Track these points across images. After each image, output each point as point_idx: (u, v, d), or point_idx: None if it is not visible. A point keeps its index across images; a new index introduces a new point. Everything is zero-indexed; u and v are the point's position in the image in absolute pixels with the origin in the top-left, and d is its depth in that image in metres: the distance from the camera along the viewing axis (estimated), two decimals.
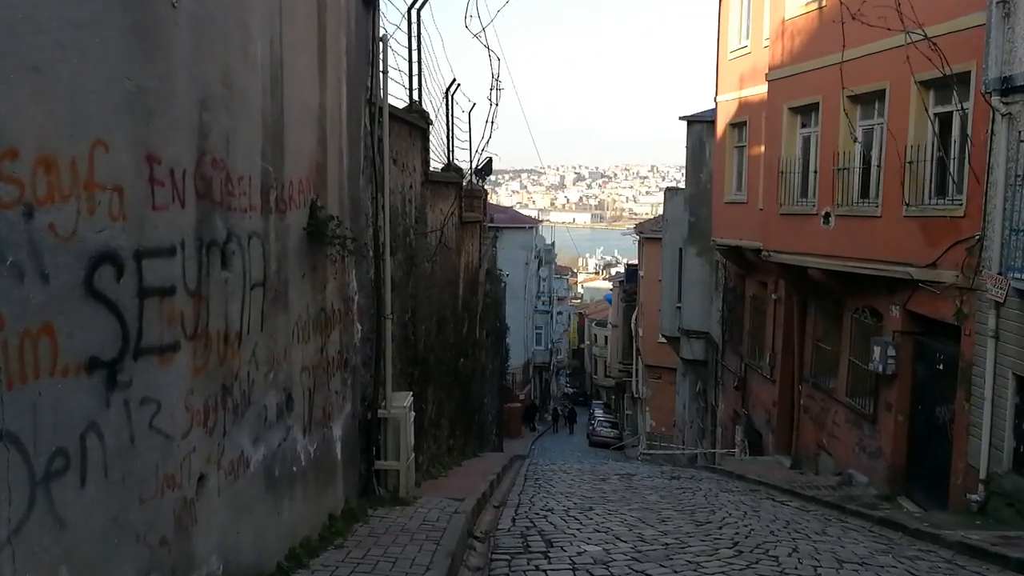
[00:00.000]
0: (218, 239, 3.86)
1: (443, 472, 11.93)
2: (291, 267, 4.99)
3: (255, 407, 4.41)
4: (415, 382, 10.04)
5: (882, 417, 11.93)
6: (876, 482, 11.97)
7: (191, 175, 3.54)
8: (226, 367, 4.00)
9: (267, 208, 4.56)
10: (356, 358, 6.79)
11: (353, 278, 6.61)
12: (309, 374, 5.46)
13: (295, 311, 5.12)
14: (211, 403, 3.79)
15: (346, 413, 6.55)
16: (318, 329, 5.62)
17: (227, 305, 3.98)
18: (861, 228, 11.98)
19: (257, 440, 4.44)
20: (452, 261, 12.68)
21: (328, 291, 5.88)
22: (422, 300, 10.38)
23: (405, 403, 7.89)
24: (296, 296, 5.12)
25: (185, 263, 3.49)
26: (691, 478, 13.55)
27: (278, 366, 4.81)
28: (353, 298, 6.64)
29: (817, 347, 14.57)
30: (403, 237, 9.06)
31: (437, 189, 11.36)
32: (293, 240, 5.05)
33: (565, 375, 71.41)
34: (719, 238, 18.63)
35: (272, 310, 4.67)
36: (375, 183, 7.38)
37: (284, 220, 4.86)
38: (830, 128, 12.68)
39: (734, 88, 17.58)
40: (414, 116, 9.64)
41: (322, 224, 5.37)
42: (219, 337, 3.89)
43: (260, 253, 4.45)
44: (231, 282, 4.04)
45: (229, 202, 3.98)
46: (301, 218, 5.22)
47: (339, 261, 5.88)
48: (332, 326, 5.99)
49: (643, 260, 38.25)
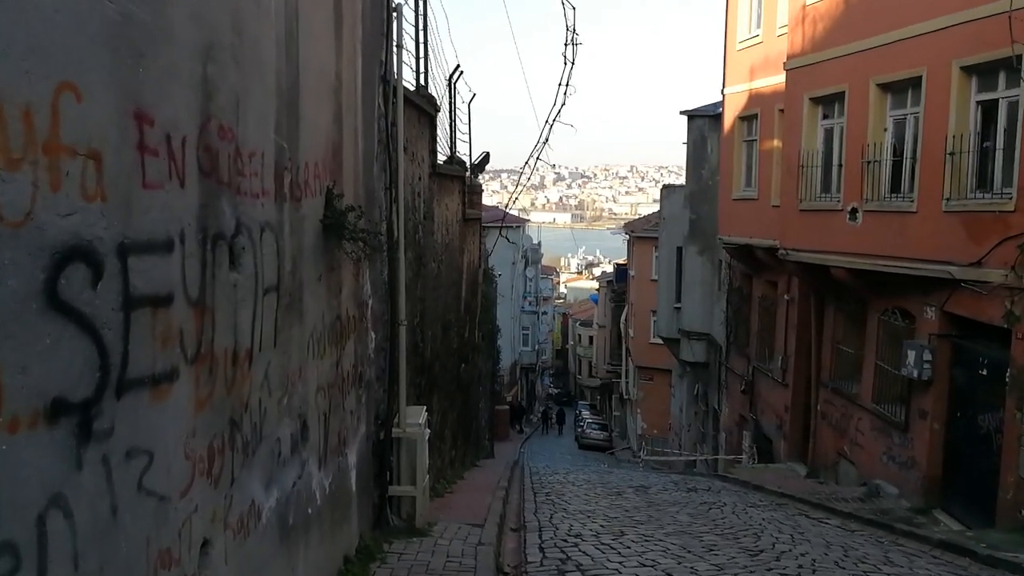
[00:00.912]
0: (226, 231, 2.97)
1: (448, 488, 11.06)
2: (306, 267, 4.11)
3: (268, 442, 3.53)
4: (422, 393, 9.17)
5: (915, 425, 11.21)
6: (908, 494, 11.26)
7: (193, 144, 2.65)
8: (235, 395, 3.11)
9: (281, 194, 3.68)
10: (370, 371, 5.90)
11: (367, 280, 5.72)
12: (324, 394, 4.57)
13: (310, 320, 4.24)
14: (217, 444, 2.91)
15: (360, 436, 5.66)
16: (334, 340, 4.73)
17: (236, 316, 3.10)
18: (893, 224, 11.27)
19: (270, 483, 3.55)
20: (456, 261, 11.82)
21: (344, 295, 4.99)
22: (429, 303, 9.50)
23: (420, 420, 7.01)
24: (312, 302, 4.23)
25: (185, 262, 2.61)
26: (708, 490, 12.78)
27: (292, 388, 3.92)
28: (367, 303, 5.75)
29: (837, 350, 13.86)
30: (412, 234, 8.18)
31: (443, 183, 10.49)
32: (309, 234, 4.17)
33: (549, 375, 70.67)
34: (727, 236, 17.89)
35: (286, 320, 3.79)
36: (389, 172, 6.49)
37: (299, 210, 3.98)
38: (857, 119, 11.95)
39: (743, 80, 16.84)
40: (423, 100, 8.75)
41: (340, 216, 4.48)
42: (227, 358, 3.01)
43: (273, 250, 3.56)
44: (241, 286, 3.16)
45: (239, 184, 3.09)
46: (317, 208, 4.33)
47: (357, 260, 4.98)
48: (347, 336, 5.10)
49: (633, 259, 37.58)
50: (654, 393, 35.32)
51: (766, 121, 15.95)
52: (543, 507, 10.07)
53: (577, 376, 67.11)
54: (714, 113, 21.55)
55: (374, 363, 6.05)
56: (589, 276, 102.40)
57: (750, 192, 16.88)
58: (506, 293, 37.98)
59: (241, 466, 3.13)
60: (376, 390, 6.26)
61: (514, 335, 42.24)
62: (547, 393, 64.60)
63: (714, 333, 21.66)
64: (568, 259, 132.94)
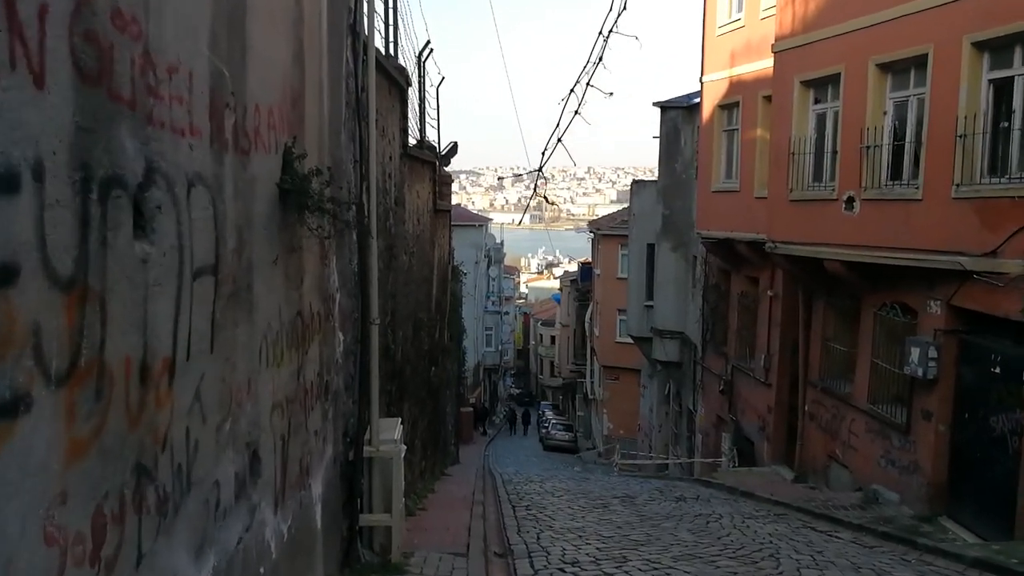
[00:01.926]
0: (127, 176, 1.95)
1: (420, 504, 10.03)
2: (258, 245, 3.08)
3: (200, 489, 2.50)
4: (393, 401, 8.13)
5: (918, 427, 10.53)
6: (911, 500, 10.58)
7: (63, 23, 1.63)
8: (144, 428, 2.09)
9: (220, 139, 2.65)
10: (338, 380, 4.86)
11: (334, 269, 4.68)
12: (283, 413, 3.54)
13: (263, 316, 3.21)
14: (111, 510, 1.89)
15: (327, 459, 4.62)
16: (294, 343, 3.69)
17: (147, 308, 2.07)
18: (895, 213, 10.57)
19: (203, 548, 2.52)
20: (427, 254, 10.78)
21: (306, 287, 3.95)
22: (400, 300, 8.46)
23: (395, 435, 5.98)
24: (265, 293, 3.21)
25: (46, 213, 1.58)
26: (697, 498, 11.97)
27: (238, 409, 2.89)
28: (335, 297, 4.71)
29: (827, 348, 13.17)
30: (384, 220, 7.14)
31: (414, 167, 9.46)
32: (261, 202, 3.14)
33: (511, 376, 69.82)
34: (705, 230, 17.15)
35: (229, 315, 2.76)
36: (359, 143, 5.44)
37: (248, 167, 2.95)
38: (854, 102, 11.25)
39: (723, 66, 16.12)
40: (394, 70, 7.71)
41: (303, 181, 3.45)
42: (129, 372, 1.98)
43: (209, 216, 2.54)
44: (155, 264, 2.13)
45: (151, 108, 2.07)
46: (272, 169, 3.31)
47: (324, 241, 3.94)
48: (311, 337, 4.07)
49: (599, 258, 36.81)
50: (621, 393, 34.63)
51: (748, 109, 15.24)
52: (526, 524, 9.12)
53: (539, 376, 66.39)
54: (688, 104, 20.87)
55: (342, 370, 5.01)
56: (550, 276, 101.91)
57: (731, 184, 16.16)
58: (469, 293, 37.00)
59: (155, 534, 2.11)
60: (345, 402, 5.22)
61: (478, 336, 41.26)
62: (509, 394, 63.74)
63: (688, 332, 20.96)
64: (528, 259, 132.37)
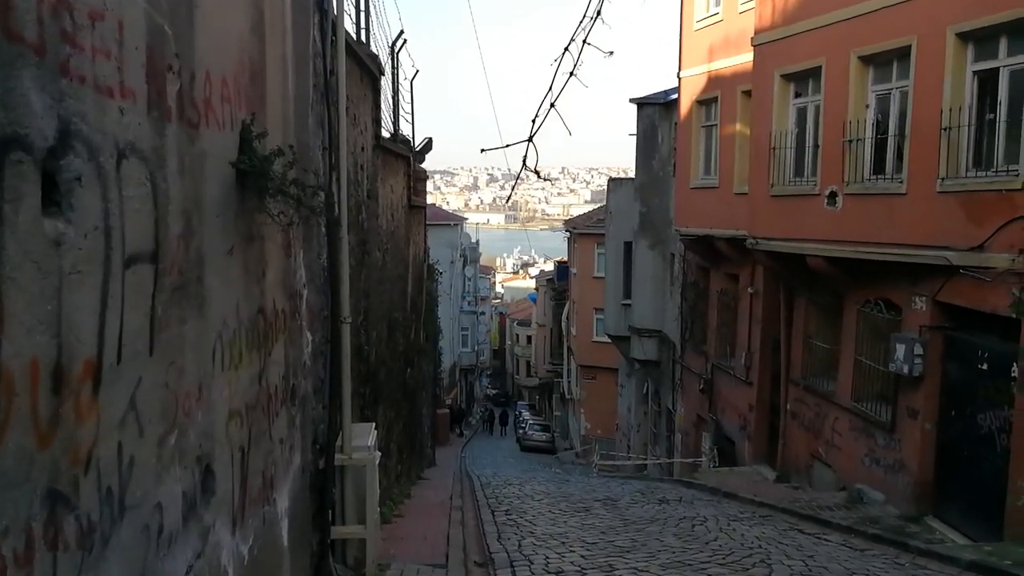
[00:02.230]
0: (32, 136, 1.59)
1: (396, 510, 9.65)
2: (210, 231, 2.72)
3: (137, 515, 2.15)
4: (367, 404, 7.76)
5: (903, 425, 10.38)
6: (896, 499, 10.42)
7: None
8: (60, 447, 1.72)
9: (161, 106, 2.29)
10: (306, 384, 4.50)
11: (301, 263, 4.32)
12: (242, 422, 3.18)
13: (217, 313, 2.84)
14: (12, 550, 1.51)
15: (295, 469, 4.26)
16: (255, 343, 3.34)
17: (60, 300, 1.70)
18: (878, 208, 10.41)
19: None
20: (402, 252, 10.41)
21: (269, 281, 3.59)
22: (374, 298, 8.09)
23: (368, 441, 5.62)
24: (219, 286, 2.85)
25: None
26: (680, 500, 11.72)
27: (187, 419, 2.53)
28: (302, 293, 4.35)
29: (809, 345, 13.01)
30: (355, 214, 6.77)
31: (388, 160, 9.09)
32: (214, 183, 2.78)
33: (487, 376, 69.49)
34: (684, 227, 16.97)
35: (174, 311, 2.40)
36: (327, 129, 5.08)
37: (197, 141, 2.59)
38: (835, 95, 11.08)
39: (701, 61, 15.93)
40: (366, 56, 7.34)
41: (263, 162, 3.08)
42: (33, 379, 1.61)
43: (147, 194, 2.19)
44: (73, 247, 1.77)
45: (68, 58, 1.72)
46: (227, 146, 2.95)
47: (287, 229, 3.58)
48: (275, 337, 3.71)
49: (575, 257, 36.59)
50: (598, 392, 34.46)
51: (727, 104, 15.06)
52: (507, 530, 8.79)
53: (515, 376, 66.13)
54: (665, 101, 20.70)
55: (311, 372, 4.65)
56: (525, 276, 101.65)
57: (710, 180, 15.97)
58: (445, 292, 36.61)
59: (78, 573, 1.74)
60: (314, 407, 4.85)
61: (454, 336, 40.85)
62: (485, 394, 63.41)
63: (666, 330, 20.78)
64: (504, 259, 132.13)
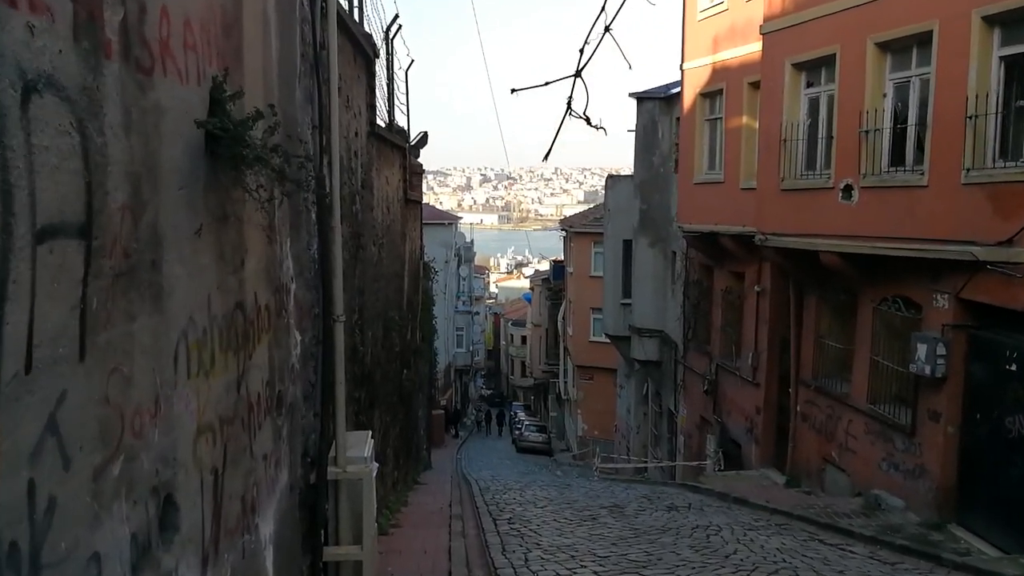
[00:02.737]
0: None
1: (393, 519, 9.14)
2: (170, 205, 2.20)
3: (58, 575, 1.59)
4: (362, 409, 7.23)
5: (924, 428, 9.90)
6: (917, 506, 9.95)
7: None
8: None
9: (96, 37, 1.78)
10: (295, 389, 3.97)
11: (288, 253, 3.79)
12: (214, 438, 2.66)
13: (181, 307, 2.33)
14: None
15: (282, 488, 3.73)
16: (232, 344, 2.82)
17: None
18: (898, 201, 9.94)
19: None
20: (398, 248, 9.89)
21: (249, 270, 3.06)
22: (369, 296, 7.57)
23: (365, 451, 5.09)
24: (184, 275, 2.33)
25: None
26: (689, 507, 11.23)
27: (136, 441, 2.01)
28: (289, 287, 3.82)
29: (821, 345, 12.52)
30: (349, 203, 6.25)
31: (383, 150, 8.57)
32: (174, 145, 2.27)
33: (481, 376, 69.04)
34: (687, 224, 16.48)
35: (119, 304, 1.87)
36: (317, 106, 4.55)
37: (149, 91, 2.09)
38: (851, 84, 10.61)
39: (706, 53, 15.45)
40: (359, 34, 6.81)
41: (238, 126, 2.56)
42: None
43: (74, 146, 1.65)
44: None
45: None
46: (191, 103, 2.43)
47: (270, 213, 3.06)
48: (257, 337, 3.18)
49: (571, 256, 36.11)
50: (595, 393, 34.02)
51: (733, 96, 14.58)
52: (511, 542, 8.28)
53: (510, 377, 65.71)
54: (665, 95, 20.23)
55: (300, 377, 4.12)
56: (520, 276, 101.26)
57: (715, 175, 15.49)
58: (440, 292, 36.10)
59: None
60: (304, 415, 4.32)
61: (448, 336, 40.32)
62: (480, 395, 62.94)
63: (668, 330, 20.30)
64: (498, 259, 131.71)
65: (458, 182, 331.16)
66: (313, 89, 4.55)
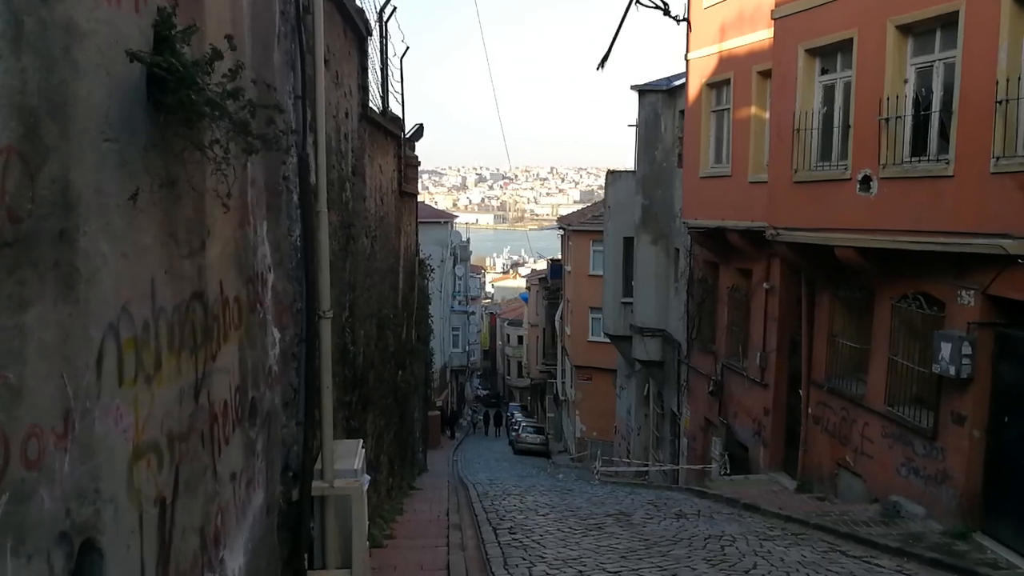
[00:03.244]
0: None
1: (387, 530, 8.60)
2: (90, 160, 1.65)
3: None
4: (354, 414, 6.69)
5: (948, 432, 9.39)
6: (939, 514, 9.45)
7: None
8: None
9: None
10: (273, 396, 3.42)
11: (264, 236, 3.24)
12: (160, 461, 2.13)
13: (107, 294, 1.78)
14: None
15: (255, 510, 3.19)
16: (187, 343, 2.28)
17: None
18: (920, 192, 9.43)
19: None
20: (393, 242, 9.34)
21: (213, 255, 2.52)
22: (361, 292, 7.03)
23: (355, 462, 4.56)
24: (114, 254, 1.78)
25: None
26: (698, 514, 10.72)
27: (32, 471, 1.46)
28: (265, 277, 3.27)
29: (834, 344, 12.01)
30: (338, 189, 5.71)
31: (376, 136, 8.03)
32: (100, 82, 1.74)
33: (477, 377, 68.58)
34: (692, 219, 15.96)
35: None
36: (300, 74, 4.01)
37: (56, 1, 1.50)
38: (869, 70, 10.10)
39: (712, 41, 14.93)
40: (350, 7, 6.27)
41: (190, 69, 2.02)
42: None
43: None
44: None
45: None
46: (127, 32, 1.89)
47: (229, 175, 2.51)
48: (223, 334, 2.63)
49: (569, 254, 35.58)
50: (594, 394, 33.52)
51: (741, 86, 14.07)
52: (513, 554, 7.75)
53: (506, 377, 65.26)
54: (668, 87, 19.74)
55: (280, 381, 3.58)
56: (516, 275, 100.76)
57: (722, 168, 14.98)
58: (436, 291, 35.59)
59: None
60: (284, 424, 3.78)
61: (444, 336, 39.80)
62: (476, 395, 62.48)
63: (671, 329, 19.79)
64: (494, 259, 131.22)
65: (453, 182, 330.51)
66: (295, 54, 4.01)
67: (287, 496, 3.85)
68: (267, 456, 3.35)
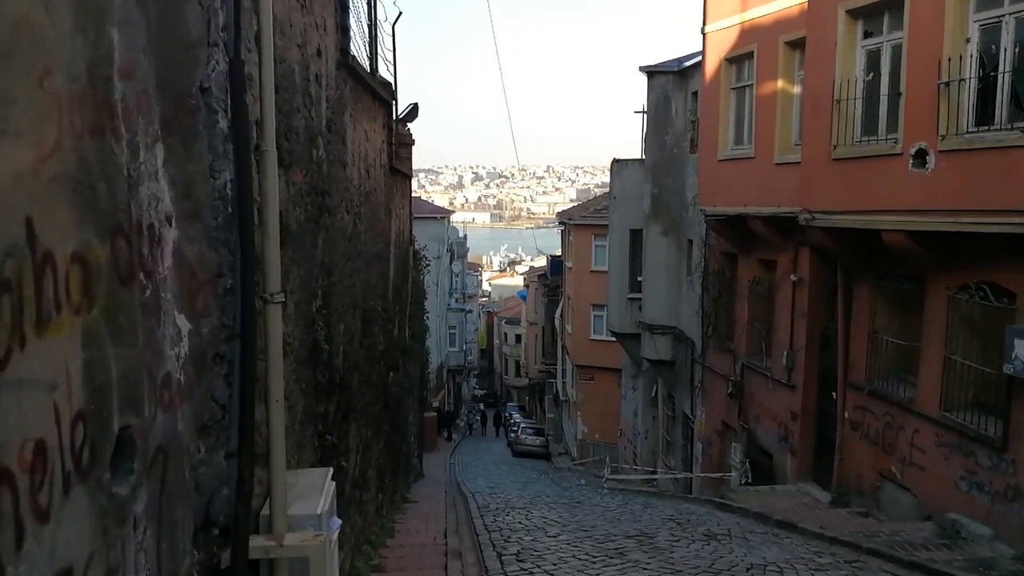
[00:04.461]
0: None
1: (374, 559, 7.34)
2: None
3: None
4: (332, 426, 5.41)
5: (1021, 442, 8.17)
6: (1010, 535, 8.23)
7: None
8: None
9: None
10: (174, 420, 2.12)
11: (158, 166, 1.93)
12: None
13: None
14: None
15: None
16: None
17: None
18: (987, 167, 8.19)
19: None
20: (382, 223, 8.05)
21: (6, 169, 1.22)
22: (341, 276, 5.74)
23: (320, 505, 3.28)
24: None
25: None
26: (728, 533, 9.47)
27: None
28: (155, 229, 1.97)
29: (876, 341, 10.77)
30: (306, 143, 4.42)
31: (361, 96, 6.74)
32: None
33: (474, 376, 67.38)
34: (710, 207, 14.72)
35: None
36: None
37: None
38: (924, 29, 8.86)
39: (732, 12, 13.69)
40: None
41: None
42: None
43: None
44: None
45: None
46: None
47: None
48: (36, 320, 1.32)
49: (570, 250, 34.31)
50: (596, 394, 32.27)
51: (766, 59, 12.82)
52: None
53: (504, 376, 64.13)
54: (679, 68, 18.50)
55: (189, 395, 2.29)
56: (513, 273, 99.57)
57: (743, 150, 13.74)
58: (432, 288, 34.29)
59: None
60: (204, 458, 2.49)
61: (441, 334, 38.49)
62: (473, 395, 61.25)
63: (683, 326, 18.55)
64: (490, 257, 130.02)
65: (450, 180, 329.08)
66: None
67: (210, 567, 2.59)
68: (160, 519, 2.09)
